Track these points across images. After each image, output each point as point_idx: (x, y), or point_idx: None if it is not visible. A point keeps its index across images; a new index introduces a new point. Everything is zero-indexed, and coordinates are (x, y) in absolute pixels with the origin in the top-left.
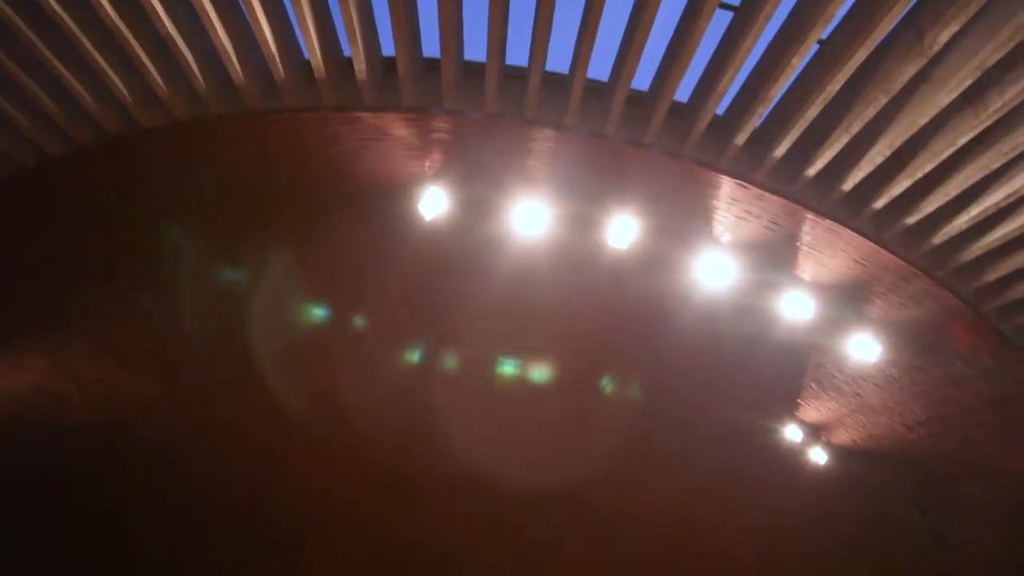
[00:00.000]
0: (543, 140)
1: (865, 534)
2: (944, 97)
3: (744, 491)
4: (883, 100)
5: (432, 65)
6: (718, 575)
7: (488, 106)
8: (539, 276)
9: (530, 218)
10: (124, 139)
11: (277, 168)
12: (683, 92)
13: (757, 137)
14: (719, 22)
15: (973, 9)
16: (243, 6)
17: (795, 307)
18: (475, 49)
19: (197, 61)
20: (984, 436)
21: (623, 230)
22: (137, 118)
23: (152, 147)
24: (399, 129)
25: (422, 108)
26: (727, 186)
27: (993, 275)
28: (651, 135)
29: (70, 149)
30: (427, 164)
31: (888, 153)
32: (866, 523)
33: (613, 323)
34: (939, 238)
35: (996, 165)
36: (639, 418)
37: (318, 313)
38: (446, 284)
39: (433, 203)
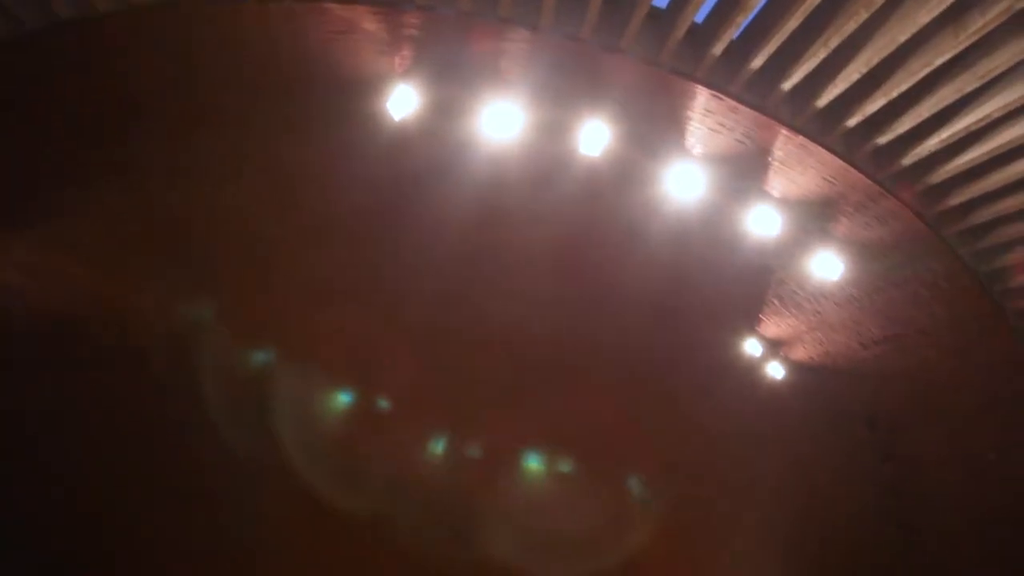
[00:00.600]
0: (517, 41)
1: (815, 448)
2: (925, 15)
3: (702, 402)
4: (864, 15)
5: None
6: (670, 482)
7: (461, 2)
8: (509, 182)
9: (501, 121)
10: (78, 23)
11: (241, 60)
12: None
13: (735, 48)
14: None
15: None
16: None
17: (762, 222)
18: None
19: None
20: (937, 357)
21: (595, 137)
22: (92, 1)
23: (108, 33)
24: (368, 23)
25: (393, 2)
26: (702, 96)
27: (958, 199)
28: (627, 40)
29: (18, 33)
30: (397, 61)
31: (864, 70)
32: (817, 437)
33: (583, 232)
34: (908, 159)
35: (970, 88)
36: (602, 327)
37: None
38: (415, 187)
39: (402, 102)
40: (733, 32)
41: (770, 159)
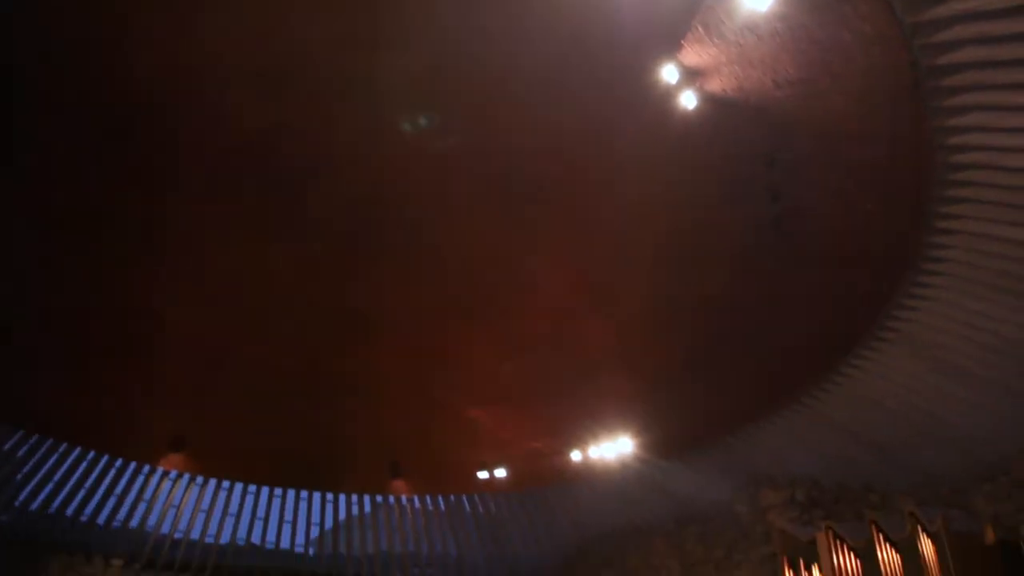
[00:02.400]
0: None
1: (713, 177)
2: None
3: (614, 125)
4: None
5: None
6: (577, 204)
7: None
8: None
9: None
10: None
11: None
12: None
13: None
14: None
15: None
16: None
17: None
18: None
19: None
20: (844, 104)
21: None
22: None
23: None
24: None
25: None
26: None
27: None
28: None
29: None
30: None
31: None
32: (716, 168)
33: None
34: None
35: None
36: (520, 50)
37: None
38: None
39: None
40: None
41: None
